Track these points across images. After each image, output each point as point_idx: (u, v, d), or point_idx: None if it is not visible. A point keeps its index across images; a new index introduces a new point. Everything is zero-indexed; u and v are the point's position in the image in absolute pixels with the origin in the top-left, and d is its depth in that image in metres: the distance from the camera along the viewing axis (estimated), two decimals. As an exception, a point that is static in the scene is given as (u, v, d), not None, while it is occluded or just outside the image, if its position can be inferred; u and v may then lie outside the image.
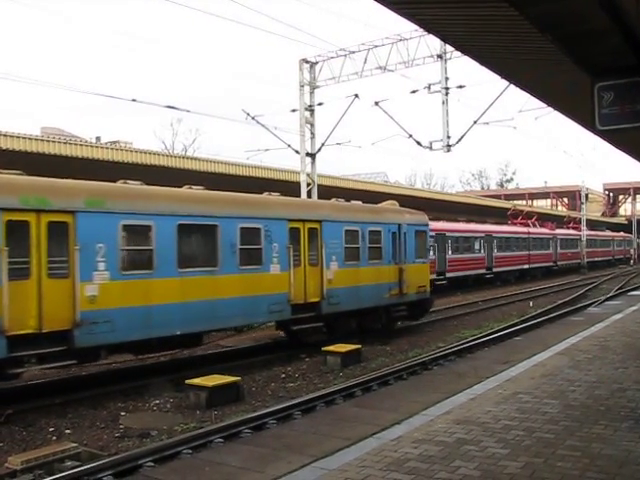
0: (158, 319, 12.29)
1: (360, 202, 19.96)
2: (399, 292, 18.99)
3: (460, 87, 22.27)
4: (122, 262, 11.89)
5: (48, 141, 21.33)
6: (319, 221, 16.51)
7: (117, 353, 13.33)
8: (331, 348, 14.92)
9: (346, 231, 17.38)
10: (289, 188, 26.74)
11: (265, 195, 16.75)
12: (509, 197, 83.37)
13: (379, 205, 20.42)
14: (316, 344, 16.02)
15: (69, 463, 7.91)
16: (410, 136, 23.42)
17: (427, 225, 21.41)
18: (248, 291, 14.27)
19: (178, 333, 12.79)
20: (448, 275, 34.25)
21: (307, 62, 23.51)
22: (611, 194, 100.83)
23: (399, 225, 19.30)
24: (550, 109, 15.58)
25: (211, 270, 13.57)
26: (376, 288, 18.21)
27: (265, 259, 14.79)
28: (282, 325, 16.63)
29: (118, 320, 11.56)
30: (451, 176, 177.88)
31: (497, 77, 11.58)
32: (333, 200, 18.91)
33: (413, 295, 19.71)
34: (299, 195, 23.65)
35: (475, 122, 22.74)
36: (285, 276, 15.21)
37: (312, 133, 23.86)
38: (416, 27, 15.76)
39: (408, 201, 41.15)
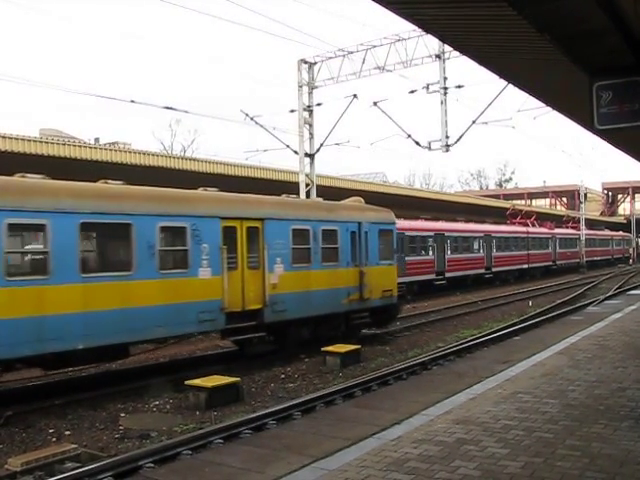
0: (54, 331, 10.72)
1: (321, 199, 18.43)
2: (360, 297, 17.33)
3: (459, 87, 22.30)
4: (8, 267, 10.48)
5: (47, 142, 21.32)
6: (261, 219, 14.72)
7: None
8: (330, 348, 14.92)
9: (294, 230, 15.64)
10: (288, 189, 26.74)
11: (199, 190, 14.94)
12: (508, 197, 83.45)
13: (336, 202, 18.69)
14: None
15: (69, 464, 7.91)
16: (409, 136, 23.43)
17: (394, 223, 19.67)
18: (171, 299, 12.55)
19: (80, 347, 11.18)
20: (447, 275, 34.30)
21: (306, 62, 23.52)
22: (610, 193, 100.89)
23: (359, 223, 17.61)
24: (549, 109, 15.59)
25: (124, 275, 11.91)
26: (332, 293, 16.53)
27: (192, 262, 13.09)
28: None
29: (1, 333, 10.07)
30: (450, 176, 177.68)
31: (496, 77, 11.58)
32: (283, 196, 17.25)
33: (377, 300, 18.01)
34: (298, 195, 23.61)
35: (474, 122, 22.76)
36: (217, 281, 13.52)
37: (311, 133, 23.88)
38: (414, 27, 15.76)
39: (407, 201, 41.32)
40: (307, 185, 23.68)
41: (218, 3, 22.89)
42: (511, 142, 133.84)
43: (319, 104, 23.94)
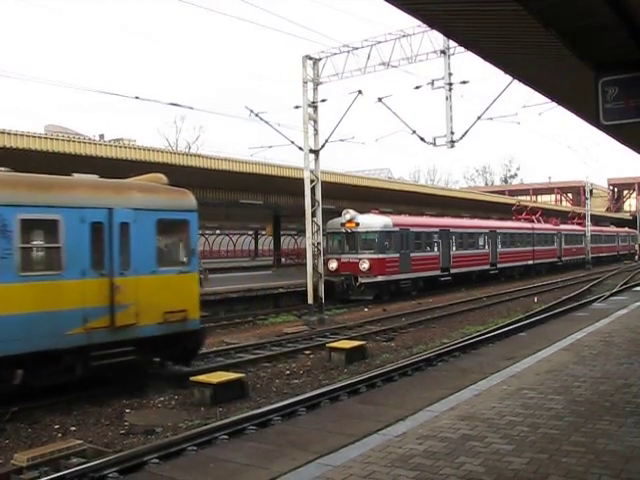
0: None
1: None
2: (111, 323, 11.45)
3: (464, 83, 22.18)
4: None
5: (52, 139, 21.33)
6: None
7: None
8: (336, 344, 14.97)
9: None
10: (294, 185, 26.72)
11: None
12: (513, 193, 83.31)
13: (67, 177, 12.21)
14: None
15: (74, 460, 7.95)
16: (414, 132, 23.35)
17: (191, 211, 13.25)
18: None
19: None
20: (452, 271, 34.27)
21: (310, 58, 23.44)
22: (616, 189, 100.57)
23: (110, 210, 11.66)
24: (554, 104, 15.53)
25: None
26: (44, 319, 10.68)
27: None
28: None
29: None
30: (455, 172, 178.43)
31: (501, 72, 11.54)
32: None
33: (152, 327, 12.09)
34: (303, 193, 23.55)
35: (479, 118, 22.65)
36: None
37: (315, 130, 23.80)
38: (419, 23, 15.68)
39: (412, 197, 41.25)
40: (312, 181, 23.63)
41: (222, -1, 22.84)
42: (516, 138, 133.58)
43: (324, 100, 23.84)
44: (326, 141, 23.95)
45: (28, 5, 67.49)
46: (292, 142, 23.90)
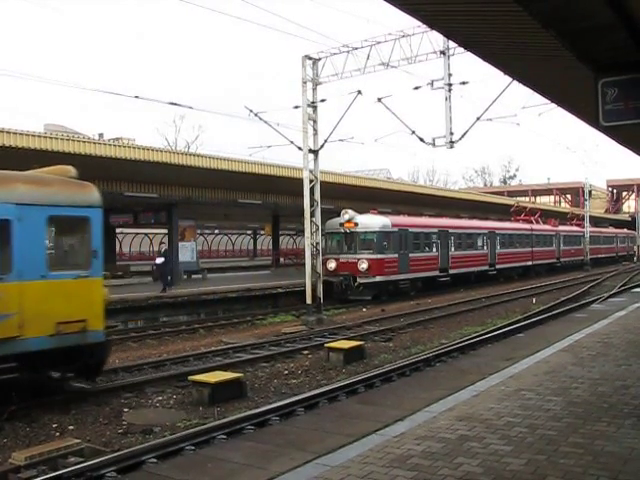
0: None
1: None
2: None
3: (463, 83, 22.19)
4: None
5: (50, 138, 21.32)
6: None
7: None
8: (334, 345, 14.96)
9: None
10: (293, 185, 26.71)
11: None
12: (512, 194, 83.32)
13: None
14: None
15: (72, 459, 7.95)
16: (413, 132, 23.35)
17: (94, 207, 11.43)
18: None
19: None
20: (451, 272, 34.27)
21: (310, 58, 23.43)
22: (614, 191, 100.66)
23: None
24: (554, 105, 15.54)
25: None
26: None
27: None
28: None
29: None
30: (454, 173, 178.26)
31: (501, 73, 11.55)
32: None
33: (40, 340, 10.38)
34: (302, 192, 23.54)
35: (478, 118, 22.66)
36: None
37: (315, 130, 23.80)
38: (419, 23, 15.69)
39: (411, 197, 41.24)
40: (311, 181, 23.63)
41: (222, -1, 22.75)
42: (516, 139, 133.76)
43: (323, 100, 23.85)
44: (325, 141, 23.95)
45: (29, 4, 67.41)
46: (291, 142, 23.89)
